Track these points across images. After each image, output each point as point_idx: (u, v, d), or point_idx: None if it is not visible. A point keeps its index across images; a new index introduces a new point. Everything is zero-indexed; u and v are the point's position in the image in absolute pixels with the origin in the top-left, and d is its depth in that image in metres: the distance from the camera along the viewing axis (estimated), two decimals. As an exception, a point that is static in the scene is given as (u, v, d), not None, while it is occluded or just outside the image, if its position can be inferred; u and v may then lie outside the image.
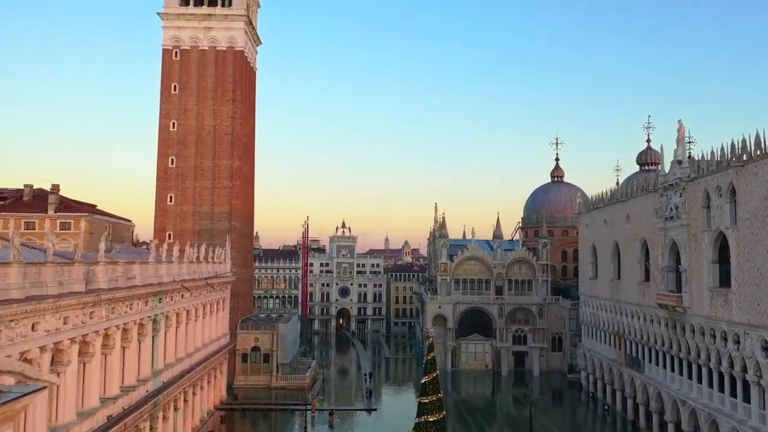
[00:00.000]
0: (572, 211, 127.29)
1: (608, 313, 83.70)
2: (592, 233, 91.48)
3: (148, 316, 52.16)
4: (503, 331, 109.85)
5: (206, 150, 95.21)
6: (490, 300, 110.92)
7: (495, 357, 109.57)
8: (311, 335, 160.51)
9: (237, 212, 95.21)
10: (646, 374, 70.85)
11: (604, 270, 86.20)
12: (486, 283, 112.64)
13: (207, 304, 72.38)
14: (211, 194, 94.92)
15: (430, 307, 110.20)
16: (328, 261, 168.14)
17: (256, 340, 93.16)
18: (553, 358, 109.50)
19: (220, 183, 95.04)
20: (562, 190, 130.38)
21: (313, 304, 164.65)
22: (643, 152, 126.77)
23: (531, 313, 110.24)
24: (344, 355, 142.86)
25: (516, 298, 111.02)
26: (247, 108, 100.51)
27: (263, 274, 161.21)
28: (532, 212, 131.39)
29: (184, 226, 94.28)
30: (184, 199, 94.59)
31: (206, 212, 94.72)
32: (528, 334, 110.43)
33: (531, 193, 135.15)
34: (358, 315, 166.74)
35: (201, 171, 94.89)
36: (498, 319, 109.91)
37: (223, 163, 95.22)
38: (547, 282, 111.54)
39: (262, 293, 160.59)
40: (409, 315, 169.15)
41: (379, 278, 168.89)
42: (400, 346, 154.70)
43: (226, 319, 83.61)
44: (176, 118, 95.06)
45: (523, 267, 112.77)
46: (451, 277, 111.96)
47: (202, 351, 70.03)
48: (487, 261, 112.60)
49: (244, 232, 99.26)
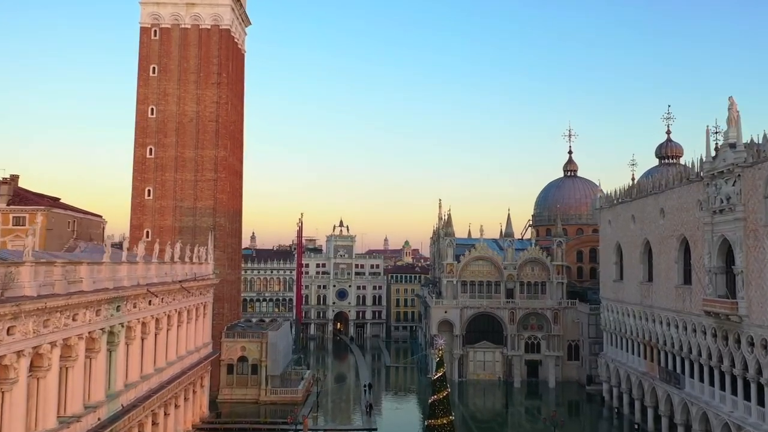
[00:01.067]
0: (587, 208, 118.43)
1: (637, 319, 74.58)
2: (617, 230, 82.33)
3: (102, 329, 42.97)
4: (515, 338, 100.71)
5: (188, 139, 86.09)
6: (500, 304, 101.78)
7: (506, 366, 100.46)
8: (307, 340, 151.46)
9: (223, 207, 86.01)
10: (687, 391, 61.66)
11: (631, 271, 77.06)
12: (495, 285, 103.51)
13: (184, 311, 63.18)
14: (194, 187, 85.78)
15: (435, 312, 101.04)
16: (324, 261, 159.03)
17: (243, 349, 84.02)
18: (570, 367, 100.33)
19: (204, 175, 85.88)
20: (576, 185, 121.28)
21: (308, 308, 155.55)
22: (662, 145, 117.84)
23: (545, 318, 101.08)
24: (342, 362, 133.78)
25: (528, 302, 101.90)
26: (234, 93, 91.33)
27: (256, 275, 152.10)
28: (543, 209, 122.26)
29: (164, 222, 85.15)
30: (164, 193, 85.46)
31: (188, 207, 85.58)
32: (542, 342, 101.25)
33: (542, 189, 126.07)
34: (357, 319, 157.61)
35: (182, 162, 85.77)
36: (509, 324, 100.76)
37: (207, 153, 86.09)
38: (562, 284, 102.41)
39: (254, 296, 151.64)
40: (411, 319, 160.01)
41: (379, 280, 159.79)
42: (401, 350, 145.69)
43: (208, 327, 74.45)
44: (155, 103, 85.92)
45: (536, 268, 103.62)
46: (457, 279, 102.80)
47: (177, 365, 60.83)
48: (496, 261, 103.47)
49: (231, 230, 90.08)
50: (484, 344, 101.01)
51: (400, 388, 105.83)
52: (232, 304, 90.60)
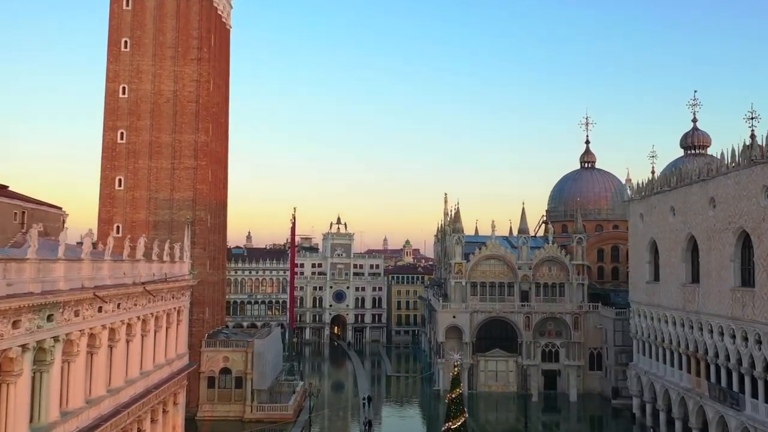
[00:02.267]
0: (607, 202, 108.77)
1: (678, 327, 64.67)
2: (651, 225, 72.43)
3: (23, 345, 32.97)
4: (530, 346, 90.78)
5: (165, 121, 76.18)
6: (514, 308, 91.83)
7: (521, 377, 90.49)
8: (301, 346, 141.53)
9: (203, 199, 76.05)
10: (749, 414, 51.73)
11: (670, 271, 67.15)
12: (509, 287, 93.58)
13: (150, 318, 53.10)
14: (171, 177, 75.89)
15: (442, 316, 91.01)
16: (321, 261, 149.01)
17: (225, 359, 74.08)
18: (592, 378, 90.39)
19: (182, 163, 75.97)
20: (594, 177, 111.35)
21: (303, 310, 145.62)
22: (688, 134, 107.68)
23: (564, 323, 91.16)
24: (339, 370, 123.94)
25: (545, 305, 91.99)
26: (217, 71, 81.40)
27: (247, 276, 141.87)
28: (559, 203, 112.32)
29: (137, 216, 75.25)
30: (137, 182, 75.56)
31: (165, 199, 75.66)
32: (560, 350, 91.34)
33: (557, 182, 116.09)
34: (355, 322, 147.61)
35: (158, 147, 75.90)
36: (524, 330, 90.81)
37: (186, 137, 76.19)
38: (583, 286, 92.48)
39: (245, 298, 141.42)
40: (413, 322, 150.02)
41: (379, 281, 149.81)
42: (402, 357, 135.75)
43: (183, 335, 64.33)
44: (127, 81, 76.02)
45: (554, 268, 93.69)
46: (466, 280, 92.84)
47: (140, 382, 50.76)
48: (510, 261, 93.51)
49: (213, 225, 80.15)
50: (497, 352, 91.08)
51: (403, 401, 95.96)
52: (214, 309, 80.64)
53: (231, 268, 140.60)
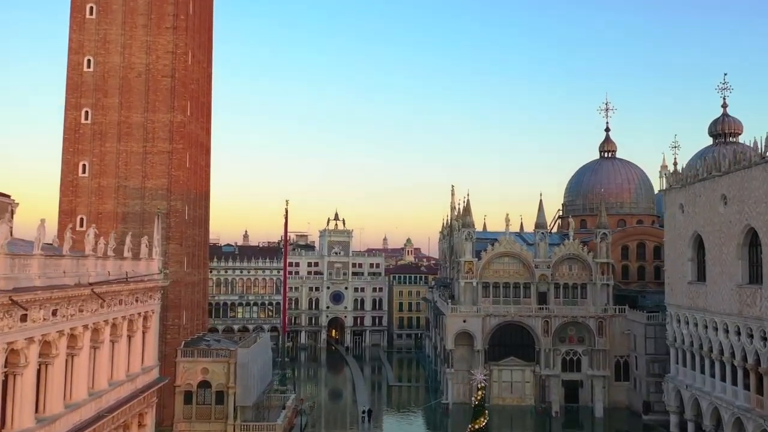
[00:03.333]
0: (630, 195, 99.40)
1: (732, 335, 55.21)
2: (696, 216, 62.93)
3: None
4: (549, 354, 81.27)
5: (136, 99, 66.51)
6: (531, 311, 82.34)
7: (539, 389, 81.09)
8: (296, 350, 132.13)
9: (180, 188, 66.42)
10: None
11: (721, 270, 57.62)
12: (525, 288, 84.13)
13: (103, 326, 43.53)
14: (143, 162, 66.20)
15: (451, 321, 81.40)
16: (317, 260, 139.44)
17: (204, 371, 64.38)
18: (618, 390, 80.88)
19: (156, 146, 66.30)
20: (616, 168, 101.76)
21: (299, 312, 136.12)
22: (717, 120, 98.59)
23: (587, 329, 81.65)
24: (336, 377, 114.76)
25: (566, 308, 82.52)
26: (197, 43, 71.80)
27: (238, 275, 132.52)
28: (577, 196, 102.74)
29: (103, 207, 65.59)
30: (104, 168, 65.87)
31: (135, 188, 65.99)
32: (583, 358, 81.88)
33: (574, 174, 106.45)
34: (354, 325, 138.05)
35: (128, 129, 66.23)
36: (542, 336, 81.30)
37: (160, 117, 66.53)
38: (608, 287, 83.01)
39: (236, 299, 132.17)
40: (416, 325, 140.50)
41: (380, 281, 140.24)
42: (404, 362, 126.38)
43: (152, 345, 54.71)
44: (93, 53, 66.33)
45: (575, 267, 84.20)
46: (477, 280, 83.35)
47: (89, 406, 41.21)
48: (526, 258, 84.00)
49: (193, 217, 70.57)
50: (512, 361, 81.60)
51: (406, 414, 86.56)
52: (194, 313, 71.04)
53: (221, 267, 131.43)
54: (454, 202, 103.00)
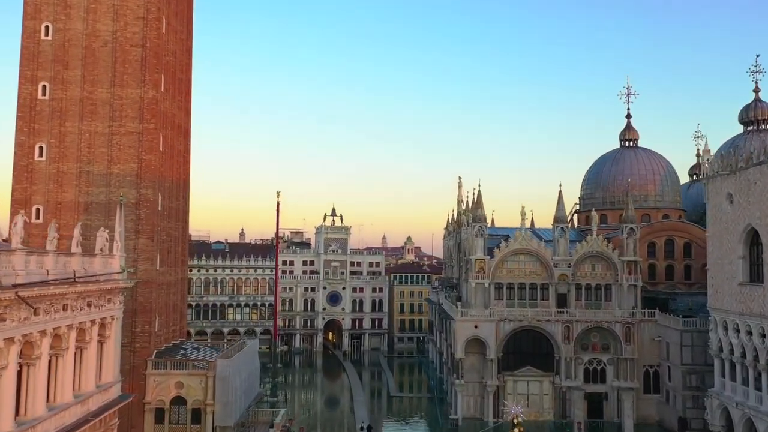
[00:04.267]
0: (656, 187, 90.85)
1: (800, 346, 46.54)
2: (749, 207, 54.28)
3: None
4: (570, 363, 72.64)
5: (101, 71, 57.81)
6: (550, 315, 73.66)
7: (559, 402, 72.47)
8: (290, 356, 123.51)
9: (151, 174, 57.65)
10: None
11: (783, 270, 49.01)
12: (543, 289, 75.53)
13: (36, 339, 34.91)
14: (109, 144, 57.50)
15: (461, 326, 72.59)
16: (313, 258, 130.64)
17: (178, 386, 55.74)
18: (647, 404, 72.24)
19: (124, 126, 57.58)
20: (639, 158, 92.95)
21: (293, 314, 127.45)
22: (749, 106, 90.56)
23: (612, 335, 73.01)
24: (333, 384, 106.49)
25: (589, 312, 73.84)
26: (172, 10, 63.03)
27: (228, 275, 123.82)
28: (595, 189, 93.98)
29: (63, 196, 56.94)
30: (64, 152, 57.20)
31: (100, 174, 57.31)
32: (608, 368, 73.24)
33: (593, 164, 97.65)
34: (352, 328, 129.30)
35: (92, 106, 57.55)
36: (563, 343, 72.66)
37: (129, 93, 57.82)
38: (635, 288, 74.39)
39: (226, 300, 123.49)
40: (418, 328, 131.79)
41: (380, 281, 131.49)
42: (406, 368, 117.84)
43: (112, 357, 46.07)
44: (51, 18, 57.64)
45: (599, 266, 75.56)
46: (490, 280, 74.67)
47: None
48: (544, 256, 75.33)
49: (169, 208, 61.86)
50: (528, 371, 72.92)
51: (409, 429, 78.07)
52: (169, 317, 62.27)
53: (210, 266, 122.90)
54: (462, 195, 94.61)
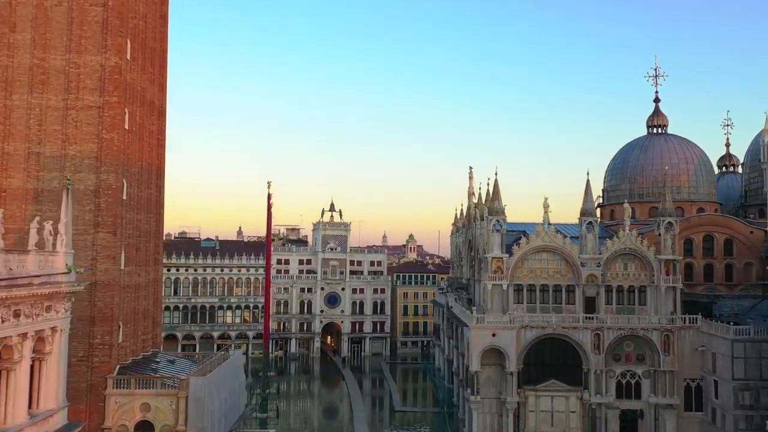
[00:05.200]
0: (689, 177, 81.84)
1: None
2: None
3: None
4: (601, 376, 63.67)
5: (54, 34, 48.93)
6: (577, 321, 64.63)
7: (588, 420, 63.49)
8: (285, 362, 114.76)
9: (114, 156, 48.66)
10: None
11: None
12: (568, 292, 66.57)
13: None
14: (63, 120, 48.63)
15: (477, 335, 63.43)
16: (310, 256, 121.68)
17: (144, 409, 46.74)
18: (689, 423, 63.17)
19: (81, 99, 48.69)
20: (669, 146, 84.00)
21: (288, 317, 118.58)
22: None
23: (648, 344, 64.05)
24: (331, 393, 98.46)
25: (622, 318, 64.87)
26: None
27: (218, 274, 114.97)
28: (622, 180, 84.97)
29: (9, 181, 48.15)
30: (9, 130, 48.34)
31: (53, 156, 48.43)
32: (643, 381, 64.29)
33: (617, 153, 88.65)
34: (352, 332, 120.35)
35: (43, 75, 48.71)
36: (592, 354, 63.68)
37: (88, 60, 48.94)
38: (674, 291, 65.36)
39: (216, 302, 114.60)
40: (423, 332, 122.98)
41: (381, 281, 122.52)
42: (410, 375, 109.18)
43: (55, 378, 37.04)
44: (-5, -29, 48.79)
45: (632, 265, 66.59)
46: (509, 281, 65.68)
47: None
48: (570, 254, 66.33)
49: (137, 198, 52.88)
50: (553, 385, 63.89)
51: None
52: (137, 326, 53.21)
53: (199, 266, 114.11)
54: (473, 187, 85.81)
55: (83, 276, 42.20)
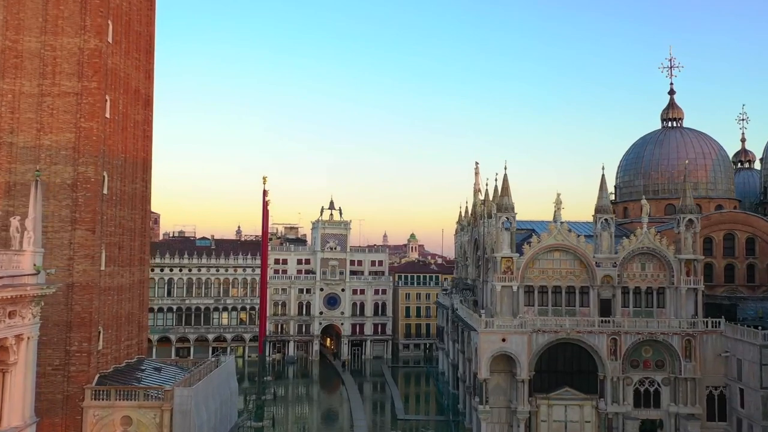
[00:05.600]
0: (706, 174, 77.78)
1: None
2: None
3: None
4: (618, 383, 59.67)
5: (29, 15, 45.14)
6: (592, 325, 60.61)
7: (604, 430, 59.48)
8: (283, 365, 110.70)
9: (94, 146, 44.85)
10: None
11: None
12: (582, 294, 62.65)
13: None
14: (38, 108, 44.81)
15: (486, 340, 59.36)
16: (309, 256, 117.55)
17: (125, 422, 42.90)
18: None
19: (58, 85, 45.01)
20: (686, 140, 79.96)
21: (286, 319, 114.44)
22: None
23: (669, 349, 60.04)
24: (330, 398, 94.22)
25: (640, 321, 60.85)
26: (126, -59, 50.13)
27: (213, 275, 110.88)
28: (635, 176, 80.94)
29: (-22, 174, 44.13)
30: (-21, 117, 44.38)
31: (27, 146, 44.69)
32: (662, 389, 60.29)
33: (630, 148, 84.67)
34: (353, 335, 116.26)
35: (17, 59, 45.01)
36: (608, 360, 59.68)
37: (65, 42, 45.19)
38: (695, 292, 61.36)
39: (212, 303, 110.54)
40: (426, 334, 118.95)
41: (383, 282, 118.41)
42: (412, 379, 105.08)
43: (21, 392, 33.44)
44: (-35, -54, 44.90)
45: (651, 265, 62.65)
46: (519, 282, 61.70)
47: None
48: (584, 254, 62.34)
49: (120, 192, 49.02)
50: (567, 393, 59.87)
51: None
52: (120, 331, 49.33)
53: (194, 265, 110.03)
54: (479, 184, 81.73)
55: (57, 277, 38.45)
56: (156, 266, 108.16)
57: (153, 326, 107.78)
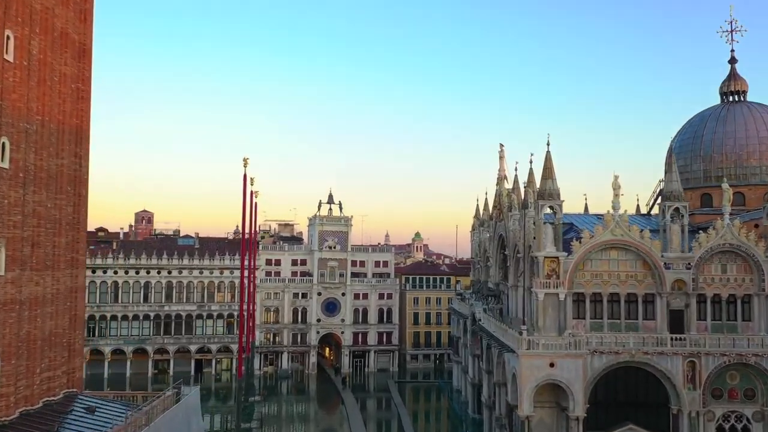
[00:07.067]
0: (784, 154, 64.09)
1: None
2: None
3: None
4: (697, 420, 46.35)
5: None
6: (664, 344, 47.25)
7: (679, 481, 46.21)
8: (276, 379, 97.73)
9: None
10: None
11: None
12: (646, 303, 49.30)
13: None
14: None
15: (529, 364, 45.76)
16: (305, 256, 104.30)
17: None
18: (819, 484, 45.99)
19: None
20: (754, 115, 66.39)
21: (279, 327, 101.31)
22: None
23: (762, 374, 46.73)
24: (328, 417, 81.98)
25: (725, 339, 47.53)
26: None
27: (196, 277, 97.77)
28: (693, 160, 67.32)
29: None
30: None
31: None
32: (754, 426, 46.98)
33: (684, 126, 71.10)
34: (354, 345, 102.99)
35: None
36: (684, 389, 46.38)
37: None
38: (794, 302, 48.07)
39: (194, 309, 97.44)
40: (436, 344, 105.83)
41: (388, 285, 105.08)
42: (421, 395, 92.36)
43: None
44: None
45: (733, 267, 49.33)
46: (567, 289, 48.33)
47: None
48: (649, 253, 48.97)
49: (39, 172, 35.54)
50: (631, 431, 46.66)
51: None
52: (34, 359, 35.77)
53: (174, 267, 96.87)
54: (504, 170, 68.54)
55: None
56: (131, 268, 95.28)
57: (127, 336, 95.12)
